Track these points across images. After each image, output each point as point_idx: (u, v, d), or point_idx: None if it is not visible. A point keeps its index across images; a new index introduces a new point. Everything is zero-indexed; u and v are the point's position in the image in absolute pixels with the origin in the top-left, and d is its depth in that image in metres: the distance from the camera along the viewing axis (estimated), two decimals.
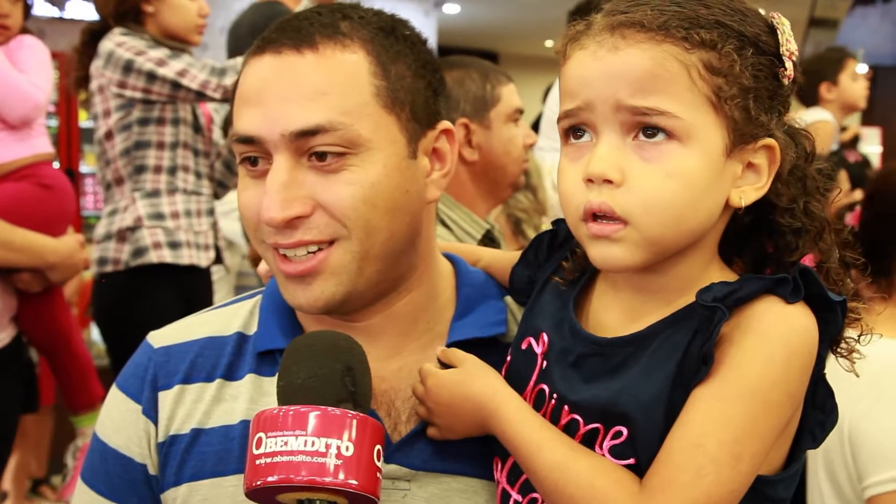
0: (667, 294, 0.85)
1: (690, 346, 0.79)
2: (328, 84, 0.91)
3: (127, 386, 1.03)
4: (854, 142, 5.64)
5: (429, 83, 0.98)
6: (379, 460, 0.79)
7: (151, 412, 1.00)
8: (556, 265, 0.96)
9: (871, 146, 6.36)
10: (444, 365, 0.95)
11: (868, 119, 7.12)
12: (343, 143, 0.90)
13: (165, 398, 1.00)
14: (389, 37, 0.96)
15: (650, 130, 0.80)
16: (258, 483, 0.76)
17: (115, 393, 1.05)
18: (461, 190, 1.86)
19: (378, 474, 0.79)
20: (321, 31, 0.93)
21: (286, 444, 0.75)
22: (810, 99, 3.79)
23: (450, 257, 1.08)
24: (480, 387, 0.89)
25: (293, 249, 0.92)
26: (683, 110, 0.79)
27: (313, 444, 0.75)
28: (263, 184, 0.92)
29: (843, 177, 3.02)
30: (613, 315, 0.88)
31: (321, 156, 0.90)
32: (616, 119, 0.80)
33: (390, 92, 0.93)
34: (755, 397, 0.76)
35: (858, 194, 3.66)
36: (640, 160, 0.79)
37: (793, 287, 0.79)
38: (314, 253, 0.92)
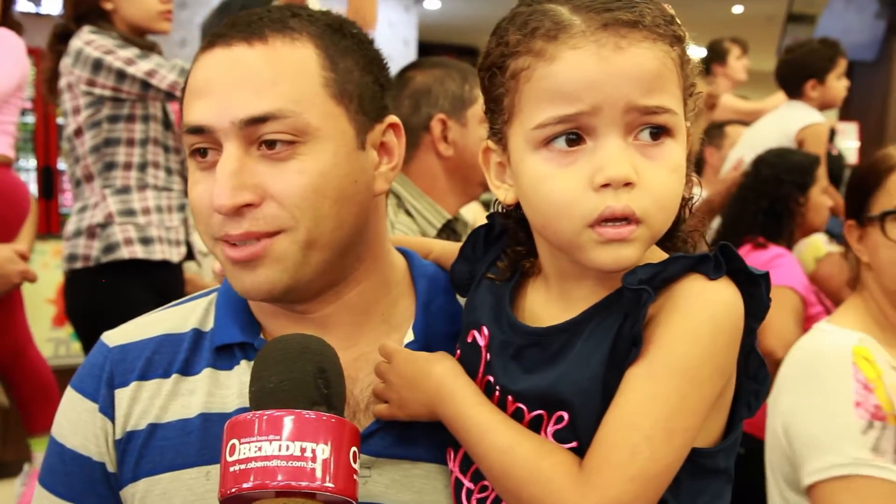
0: (598, 280, 0.86)
1: (622, 329, 0.80)
2: (278, 74, 0.92)
3: (83, 386, 1.03)
4: (830, 136, 5.69)
5: (376, 79, 1.00)
6: (355, 462, 0.78)
7: (108, 410, 1.00)
8: (493, 258, 0.97)
9: (849, 141, 6.41)
10: None
11: (845, 113, 7.18)
12: (292, 132, 0.91)
13: (122, 395, 1.00)
14: (337, 33, 0.98)
15: (655, 129, 0.80)
16: (233, 490, 0.75)
17: (70, 394, 1.04)
18: (433, 183, 1.92)
19: (355, 476, 0.78)
20: (271, 25, 0.94)
21: (260, 449, 0.75)
22: (793, 90, 3.76)
23: (402, 251, 1.09)
24: (443, 368, 0.91)
25: (242, 242, 0.93)
26: (677, 106, 0.82)
27: (288, 448, 0.75)
28: (213, 175, 0.92)
29: (822, 172, 3.03)
30: (548, 305, 0.90)
31: (271, 144, 0.91)
32: (622, 121, 0.79)
33: (339, 84, 0.94)
34: (684, 374, 0.78)
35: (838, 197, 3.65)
36: (644, 159, 0.80)
37: (714, 264, 0.81)
38: (259, 240, 0.92)
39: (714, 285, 0.80)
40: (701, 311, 0.79)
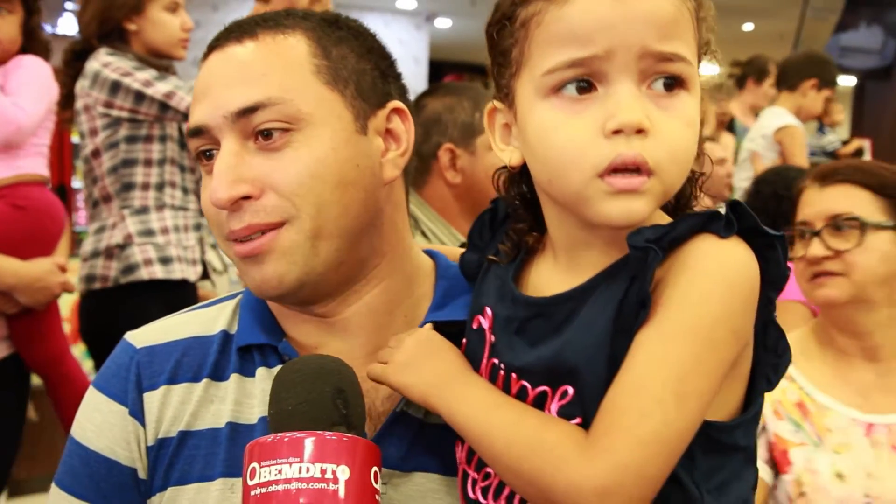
0: (607, 244, 0.82)
1: (628, 293, 0.77)
2: (267, 65, 0.92)
3: (108, 387, 1.01)
4: (858, 155, 5.72)
5: (375, 65, 0.99)
6: (377, 482, 0.78)
7: (139, 414, 0.98)
8: (499, 242, 0.95)
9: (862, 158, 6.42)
10: None
11: (857, 131, 7.16)
12: (284, 119, 0.91)
13: (151, 399, 0.98)
14: (332, 26, 0.98)
15: (669, 79, 0.77)
16: None
17: (94, 395, 1.02)
18: (445, 208, 2.00)
19: (377, 496, 0.77)
20: (263, 24, 0.96)
21: (280, 472, 0.74)
22: (792, 82, 4.01)
23: (431, 253, 1.08)
24: (459, 357, 0.89)
25: (246, 237, 0.92)
26: (692, 57, 0.79)
27: (308, 470, 0.74)
28: None
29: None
30: (554, 276, 0.87)
31: (267, 135, 0.91)
32: (636, 67, 0.76)
33: (332, 71, 0.94)
34: (697, 334, 0.74)
35: None
36: (658, 109, 0.77)
37: (725, 222, 0.77)
38: (264, 233, 0.92)
39: (726, 244, 0.76)
40: (713, 269, 0.75)
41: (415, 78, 8.57)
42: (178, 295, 2.73)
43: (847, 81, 8.51)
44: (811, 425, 1.64)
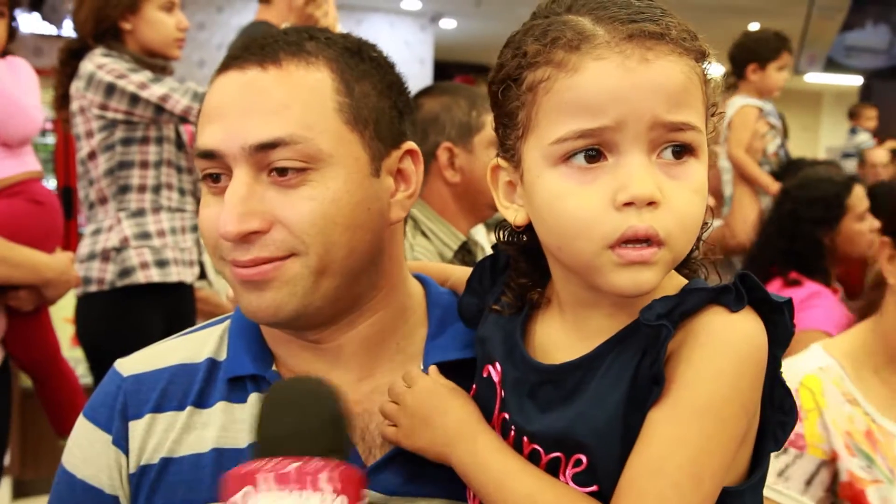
0: (615, 307, 0.82)
1: (640, 367, 0.76)
2: (290, 98, 0.90)
3: (96, 415, 1.01)
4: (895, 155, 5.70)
5: (394, 104, 0.98)
6: None
7: (122, 442, 0.99)
8: (500, 291, 0.93)
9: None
10: None
11: (875, 130, 7.14)
12: (303, 158, 0.89)
13: (136, 428, 0.99)
14: (355, 56, 0.96)
15: (679, 148, 0.77)
16: None
17: (82, 423, 1.03)
18: (444, 207, 2.01)
19: None
20: (286, 48, 0.93)
21: (276, 501, 0.72)
22: (738, 72, 3.99)
23: (420, 278, 1.08)
24: (463, 409, 0.88)
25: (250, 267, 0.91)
26: (701, 124, 0.79)
27: (301, 496, 0.72)
28: (223, 200, 0.91)
29: (858, 197, 2.83)
30: (561, 337, 0.86)
31: (282, 171, 0.90)
32: (647, 137, 0.76)
33: (353, 109, 0.93)
34: (709, 415, 0.74)
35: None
36: (667, 178, 0.77)
37: (735, 294, 0.77)
38: (270, 262, 0.91)
39: (736, 318, 0.76)
40: (724, 346, 0.75)
41: (420, 79, 8.56)
42: (175, 297, 2.74)
43: (853, 81, 8.48)
44: (883, 458, 1.55)
